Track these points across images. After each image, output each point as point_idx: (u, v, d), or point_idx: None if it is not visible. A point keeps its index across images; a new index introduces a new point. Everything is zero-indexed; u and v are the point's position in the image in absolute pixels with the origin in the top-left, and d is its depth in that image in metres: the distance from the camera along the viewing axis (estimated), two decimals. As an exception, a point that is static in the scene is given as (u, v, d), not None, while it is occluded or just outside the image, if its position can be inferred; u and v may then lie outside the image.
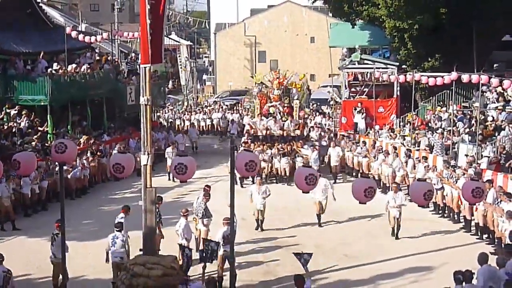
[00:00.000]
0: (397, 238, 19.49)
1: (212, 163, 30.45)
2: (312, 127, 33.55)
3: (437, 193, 21.19)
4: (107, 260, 15.43)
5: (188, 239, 16.43)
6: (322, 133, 32.38)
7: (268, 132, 28.70)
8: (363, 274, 16.61)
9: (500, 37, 33.93)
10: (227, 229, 14.96)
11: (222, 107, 46.11)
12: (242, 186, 24.52)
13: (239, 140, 29.84)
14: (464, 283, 11.59)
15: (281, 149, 27.64)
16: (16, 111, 27.39)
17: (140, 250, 15.01)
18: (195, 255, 15.99)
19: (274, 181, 27.20)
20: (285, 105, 29.80)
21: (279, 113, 29.61)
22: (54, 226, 14.78)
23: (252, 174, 11.37)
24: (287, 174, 26.94)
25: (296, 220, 21.47)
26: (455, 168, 21.63)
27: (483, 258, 12.38)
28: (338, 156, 27.76)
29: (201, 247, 17.10)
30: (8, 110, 27.10)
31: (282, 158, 27.24)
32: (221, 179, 26.31)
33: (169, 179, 26.30)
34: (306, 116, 33.14)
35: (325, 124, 37.14)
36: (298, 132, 29.16)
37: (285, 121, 29.23)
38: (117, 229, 15.40)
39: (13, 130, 26.44)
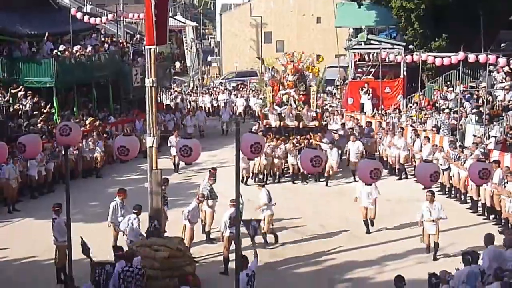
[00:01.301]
0: (435, 259, 16.33)
1: (218, 145, 30.41)
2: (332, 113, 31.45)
3: (443, 174, 21.14)
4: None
5: (192, 222, 16.45)
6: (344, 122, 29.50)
7: (282, 123, 25.56)
8: (369, 255, 16.61)
9: (507, 16, 33.62)
10: (233, 211, 14.95)
11: (227, 89, 45.90)
12: (246, 184, 23.27)
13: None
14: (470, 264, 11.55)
15: (297, 144, 24.41)
16: (22, 93, 27.37)
17: (146, 232, 15.08)
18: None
19: (289, 179, 24.60)
20: (301, 92, 26.11)
21: (294, 101, 26.04)
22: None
23: (257, 156, 11.31)
24: (304, 172, 23.36)
25: (314, 229, 19.20)
26: (463, 149, 21.52)
27: (489, 239, 12.35)
28: (358, 150, 24.61)
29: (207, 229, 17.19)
30: (13, 91, 27.09)
31: (299, 153, 22.69)
32: (226, 160, 26.25)
33: (175, 171, 25.47)
34: (324, 104, 29.86)
35: (335, 105, 36.34)
36: (316, 123, 25.67)
37: (301, 110, 25.72)
38: (134, 211, 15.42)
39: (19, 112, 26.47)
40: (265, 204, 17.29)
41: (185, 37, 61.73)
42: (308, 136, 24.94)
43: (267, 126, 25.91)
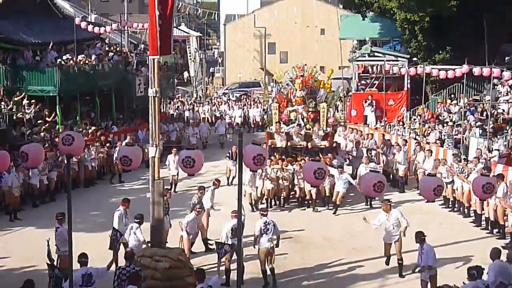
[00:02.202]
0: (401, 276, 15.96)
1: (220, 156, 30.31)
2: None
3: (447, 187, 21.05)
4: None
5: (190, 233, 16.50)
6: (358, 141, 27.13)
7: (289, 143, 23.30)
8: (371, 268, 16.50)
9: (512, 30, 33.69)
10: (235, 222, 14.87)
11: (230, 99, 45.92)
12: (253, 210, 21.12)
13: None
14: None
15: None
16: (26, 101, 27.38)
17: (148, 242, 15.04)
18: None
19: (296, 204, 22.67)
20: (310, 109, 23.93)
21: (302, 119, 23.81)
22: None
23: (260, 167, 11.25)
24: (313, 196, 21.99)
25: (317, 241, 18.96)
26: (467, 162, 21.44)
27: (495, 253, 12.26)
28: None
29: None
30: (16, 99, 27.10)
31: None
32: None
33: (173, 190, 23.13)
34: (335, 123, 26.55)
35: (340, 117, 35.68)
36: (326, 143, 23.38)
37: (309, 129, 23.52)
38: (136, 221, 15.41)
39: (22, 120, 26.46)
40: (256, 236, 15.43)
41: (188, 47, 61.86)
42: (317, 158, 21.64)
43: (273, 146, 23.50)
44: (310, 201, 22.21)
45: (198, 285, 11.64)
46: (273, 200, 22.53)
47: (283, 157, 22.89)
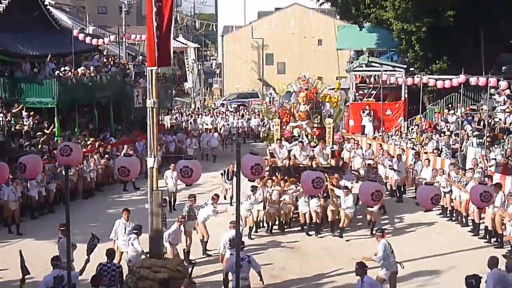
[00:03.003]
0: None
1: (218, 166, 30.33)
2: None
3: (445, 196, 21.11)
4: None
5: (173, 244, 16.45)
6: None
7: (291, 162, 21.52)
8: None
9: (508, 40, 33.79)
10: (233, 233, 14.90)
11: (228, 110, 45.93)
12: (250, 238, 19.76)
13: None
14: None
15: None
16: (26, 114, 27.41)
17: (146, 253, 15.06)
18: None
19: (299, 230, 20.77)
20: (315, 125, 22.20)
21: (307, 136, 22.11)
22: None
23: (258, 177, 11.29)
24: (318, 220, 20.24)
25: (316, 251, 18.92)
26: (465, 171, 21.49)
27: (493, 262, 12.29)
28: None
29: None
30: (14, 111, 27.15)
31: (311, 199, 19.96)
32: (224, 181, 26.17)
33: (170, 210, 22.44)
34: (342, 140, 25.03)
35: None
36: (332, 162, 21.63)
37: (314, 146, 21.79)
38: (134, 231, 15.51)
39: (20, 132, 26.48)
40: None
41: (186, 59, 61.96)
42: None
43: (274, 165, 21.67)
44: (314, 226, 20.33)
45: None
46: (273, 225, 20.68)
47: (285, 177, 20.91)
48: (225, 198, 23.73)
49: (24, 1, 31.39)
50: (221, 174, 24.09)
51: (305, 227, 20.52)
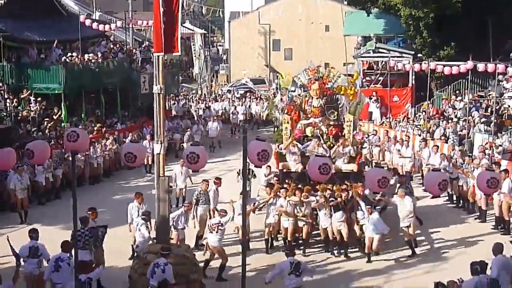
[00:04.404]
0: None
1: (225, 152, 30.39)
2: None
3: (451, 183, 21.04)
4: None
5: (177, 228, 16.40)
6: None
7: (305, 166, 16.35)
8: (376, 264, 16.51)
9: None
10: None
11: (234, 96, 45.80)
12: (268, 252, 17.33)
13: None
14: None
15: (331, 196, 16.77)
16: (33, 99, 27.45)
17: (153, 238, 15.11)
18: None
19: (320, 249, 17.65)
20: (331, 122, 19.04)
21: (321, 135, 18.73)
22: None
23: (264, 163, 11.25)
24: (344, 238, 16.84)
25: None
26: (472, 158, 21.42)
27: (497, 248, 12.27)
28: (410, 213, 16.85)
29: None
30: (22, 96, 27.21)
31: (335, 212, 16.62)
32: (234, 167, 26.19)
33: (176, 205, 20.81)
34: (364, 139, 21.44)
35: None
36: (353, 167, 18.05)
37: (331, 148, 18.29)
38: (142, 217, 15.61)
39: (28, 118, 26.54)
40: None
41: (193, 45, 61.92)
42: (345, 186, 17.29)
43: (285, 170, 18.44)
44: (336, 245, 17.14)
45: (84, 276, 11.93)
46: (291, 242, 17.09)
47: (299, 185, 17.36)
48: None
49: (31, -13, 31.38)
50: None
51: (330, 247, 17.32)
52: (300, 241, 17.44)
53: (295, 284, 12.86)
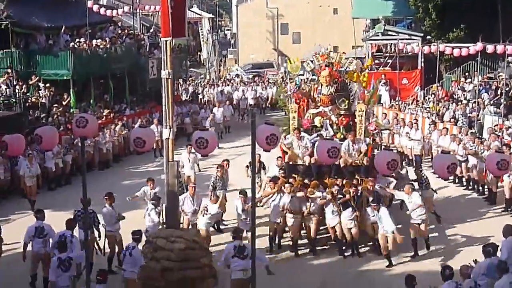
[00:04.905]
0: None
1: (234, 137, 30.40)
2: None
3: (460, 165, 20.97)
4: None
5: (185, 211, 16.41)
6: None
7: (313, 159, 16.60)
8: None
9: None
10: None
11: (242, 81, 45.63)
12: (271, 249, 16.45)
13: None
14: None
15: (339, 192, 15.74)
16: (42, 86, 27.50)
17: (163, 223, 15.14)
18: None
19: (328, 248, 16.66)
20: (342, 112, 17.56)
21: (331, 125, 17.49)
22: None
23: (273, 147, 11.21)
24: (354, 237, 15.86)
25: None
26: (481, 140, 21.34)
27: (508, 230, 12.26)
28: (419, 208, 15.70)
29: None
30: (31, 82, 27.27)
31: (344, 210, 15.63)
32: (243, 152, 26.21)
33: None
34: (377, 130, 19.18)
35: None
36: (364, 160, 16.70)
37: (342, 140, 16.83)
38: (152, 202, 15.67)
39: (37, 104, 26.60)
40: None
41: (201, 29, 61.72)
42: (355, 181, 16.32)
43: (291, 163, 17.33)
44: (345, 245, 16.09)
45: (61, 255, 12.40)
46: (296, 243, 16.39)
47: (305, 179, 16.57)
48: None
49: (39, -28, 31.33)
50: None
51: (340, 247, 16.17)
52: (307, 240, 16.48)
53: (242, 266, 12.70)
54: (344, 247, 16.08)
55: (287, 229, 16.55)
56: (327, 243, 16.65)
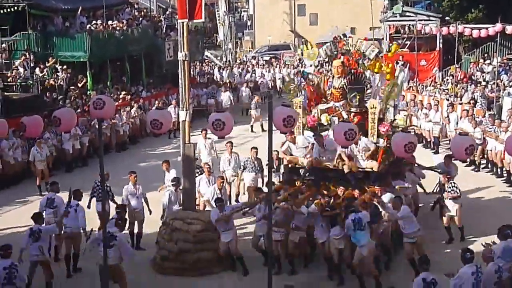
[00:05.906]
0: None
1: (250, 119, 30.33)
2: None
3: (477, 147, 20.81)
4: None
5: (201, 193, 16.38)
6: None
7: (317, 162, 14.52)
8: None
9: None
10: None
11: (258, 63, 45.47)
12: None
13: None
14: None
15: (349, 200, 13.36)
16: (60, 68, 27.57)
17: (180, 205, 15.20)
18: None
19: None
20: (353, 109, 15.05)
21: None
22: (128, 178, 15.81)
23: (290, 129, 11.11)
24: (345, 260, 13.33)
25: None
26: (501, 122, 21.14)
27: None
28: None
29: None
30: (48, 64, 27.36)
31: (332, 227, 13.24)
32: (260, 135, 26.19)
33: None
34: (391, 131, 14.59)
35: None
36: (374, 165, 14.15)
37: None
38: (172, 183, 15.65)
39: (54, 86, 26.69)
40: None
41: (217, 11, 61.48)
42: (364, 188, 13.92)
43: (292, 165, 15.32)
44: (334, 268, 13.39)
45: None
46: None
47: (308, 183, 14.48)
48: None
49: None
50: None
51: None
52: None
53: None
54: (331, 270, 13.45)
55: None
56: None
